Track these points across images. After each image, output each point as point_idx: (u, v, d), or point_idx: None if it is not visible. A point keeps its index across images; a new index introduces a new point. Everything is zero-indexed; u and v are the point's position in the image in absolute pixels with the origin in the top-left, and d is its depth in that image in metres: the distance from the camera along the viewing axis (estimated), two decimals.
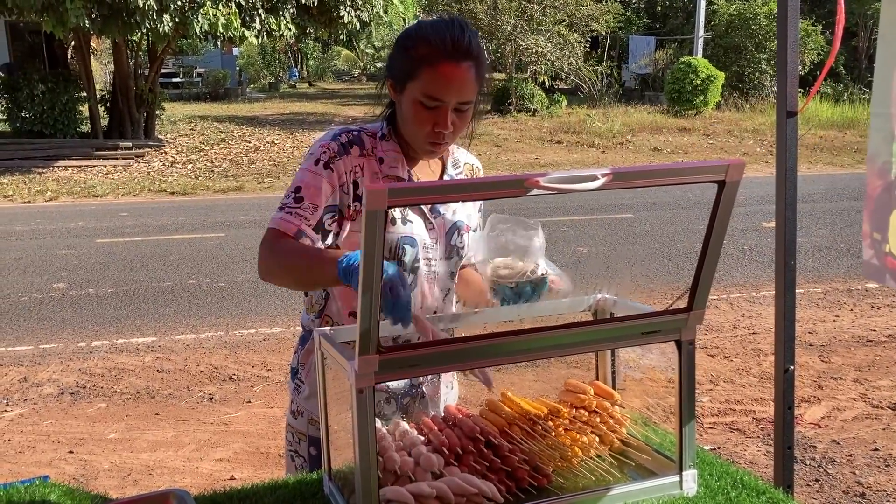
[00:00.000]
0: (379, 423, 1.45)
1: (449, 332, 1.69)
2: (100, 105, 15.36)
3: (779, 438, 2.30)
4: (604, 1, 21.62)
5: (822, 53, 20.29)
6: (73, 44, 15.39)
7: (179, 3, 12.11)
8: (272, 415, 4.33)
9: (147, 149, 14.95)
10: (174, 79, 27.01)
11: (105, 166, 13.90)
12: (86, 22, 11.58)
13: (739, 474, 1.53)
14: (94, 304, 6.33)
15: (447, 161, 1.79)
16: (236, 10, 12.97)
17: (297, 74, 36.08)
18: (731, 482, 1.50)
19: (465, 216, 1.79)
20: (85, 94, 15.01)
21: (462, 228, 1.78)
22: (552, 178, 1.14)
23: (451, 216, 1.76)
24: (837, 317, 5.92)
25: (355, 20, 14.95)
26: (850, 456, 3.80)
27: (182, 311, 6.13)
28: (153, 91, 15.48)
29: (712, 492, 1.46)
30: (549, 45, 19.76)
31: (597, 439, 1.53)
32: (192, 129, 17.67)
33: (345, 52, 37.92)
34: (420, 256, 1.70)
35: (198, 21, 12.41)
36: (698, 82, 18.81)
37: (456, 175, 1.80)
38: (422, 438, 1.48)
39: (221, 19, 12.61)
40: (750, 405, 4.40)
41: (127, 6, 11.65)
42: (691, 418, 1.43)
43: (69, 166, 13.84)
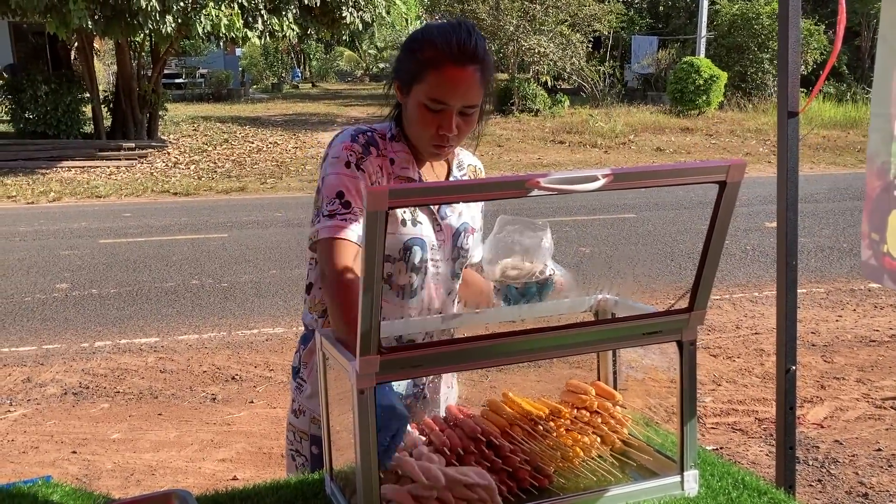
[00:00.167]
0: None
1: (450, 332, 1.70)
2: (103, 106, 15.38)
3: (780, 439, 2.30)
4: (606, 1, 21.61)
5: (824, 53, 20.27)
6: (76, 45, 15.41)
7: (182, 4, 12.13)
8: (274, 415, 4.33)
9: (150, 149, 14.97)
10: (177, 80, 27.09)
11: (108, 167, 13.92)
12: (89, 23, 11.60)
13: (741, 474, 1.53)
14: (97, 305, 6.34)
15: (453, 163, 1.80)
16: (239, 11, 12.98)
17: (299, 75, 36.12)
18: (733, 482, 1.50)
19: (470, 218, 1.81)
20: (88, 95, 15.03)
21: (468, 230, 1.79)
22: (553, 178, 1.15)
23: (457, 218, 1.77)
24: (840, 317, 5.91)
25: (358, 21, 14.97)
26: (853, 456, 3.79)
27: (185, 312, 6.14)
28: (156, 92, 15.49)
29: (714, 492, 1.46)
30: (551, 45, 19.76)
31: (598, 440, 1.53)
32: (194, 129, 17.70)
33: (347, 52, 37.96)
34: (428, 257, 1.71)
35: (200, 22, 12.43)
36: (701, 82, 18.80)
37: (461, 176, 1.81)
38: (423, 439, 1.48)
39: (224, 20, 12.62)
40: (752, 405, 4.39)
41: (130, 7, 11.67)
42: (692, 419, 1.43)
43: (72, 167, 13.86)
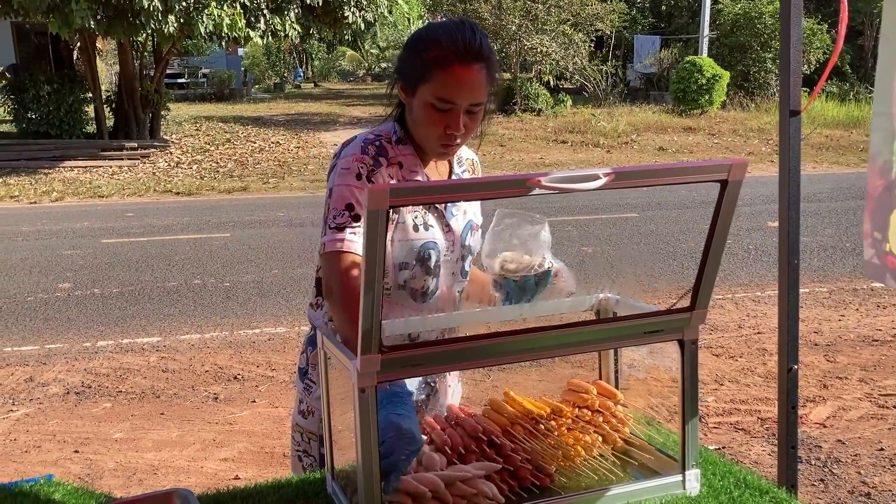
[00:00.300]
0: None
1: (457, 330, 1.70)
2: (105, 106, 15.40)
3: (782, 438, 2.29)
4: (608, 0, 21.60)
5: (827, 52, 20.24)
6: (78, 45, 15.43)
7: (184, 4, 12.14)
8: (277, 414, 4.34)
9: (152, 149, 14.99)
10: (179, 79, 27.11)
11: (110, 167, 13.93)
12: (91, 23, 11.61)
13: (742, 474, 1.53)
14: (99, 305, 6.35)
15: (453, 160, 1.80)
16: (241, 11, 12.99)
17: (301, 75, 36.13)
18: (734, 481, 1.50)
19: (473, 214, 1.82)
20: (90, 95, 15.04)
21: (473, 227, 1.80)
22: (554, 177, 1.15)
23: (462, 216, 1.78)
24: (843, 316, 5.90)
25: (360, 20, 14.96)
26: (856, 456, 3.79)
27: (187, 311, 6.15)
28: (158, 92, 15.51)
29: (715, 491, 1.46)
30: (553, 44, 19.76)
31: (599, 439, 1.53)
32: (197, 129, 17.71)
33: (349, 52, 37.97)
34: (442, 259, 1.72)
35: (202, 22, 12.44)
36: (703, 82, 18.78)
37: (461, 172, 1.82)
38: (424, 438, 1.48)
39: (226, 20, 12.63)
40: (755, 405, 4.39)
41: (132, 7, 11.68)
42: (694, 418, 1.43)
43: (75, 167, 13.88)
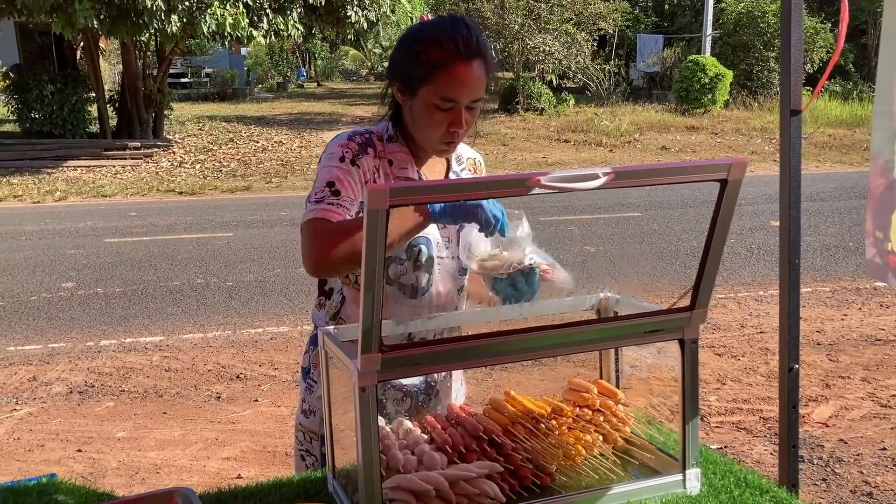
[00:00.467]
0: (382, 422, 1.45)
1: (458, 329, 1.70)
2: (108, 105, 15.43)
3: (783, 437, 2.29)
4: None
5: (830, 51, 20.21)
6: (81, 44, 15.45)
7: (187, 4, 12.15)
8: (279, 414, 4.34)
9: (155, 149, 15.01)
10: (182, 79, 27.12)
11: (114, 166, 13.96)
12: (94, 23, 11.63)
13: (743, 473, 1.53)
14: (102, 304, 6.36)
15: (451, 158, 1.80)
16: (244, 10, 13.00)
17: (304, 74, 36.14)
18: (735, 481, 1.50)
19: None
20: (94, 95, 15.07)
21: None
22: (554, 177, 1.15)
23: None
24: (846, 315, 5.90)
25: (363, 20, 14.97)
26: (858, 455, 3.78)
27: (190, 311, 6.16)
28: (161, 91, 15.53)
29: (716, 490, 1.46)
30: (556, 43, 19.74)
31: (600, 438, 1.53)
32: (200, 129, 17.72)
33: (352, 51, 37.96)
34: (435, 255, 1.71)
35: (205, 21, 12.44)
36: (706, 81, 18.76)
37: (460, 171, 1.81)
38: (425, 437, 1.48)
39: (229, 19, 12.64)
40: (757, 404, 4.38)
41: (135, 7, 11.69)
42: (694, 417, 1.43)
43: (78, 166, 13.90)
